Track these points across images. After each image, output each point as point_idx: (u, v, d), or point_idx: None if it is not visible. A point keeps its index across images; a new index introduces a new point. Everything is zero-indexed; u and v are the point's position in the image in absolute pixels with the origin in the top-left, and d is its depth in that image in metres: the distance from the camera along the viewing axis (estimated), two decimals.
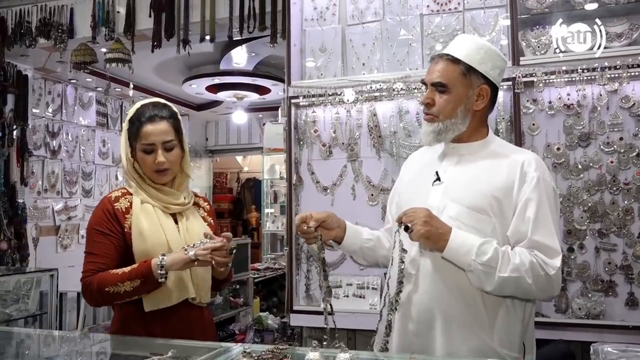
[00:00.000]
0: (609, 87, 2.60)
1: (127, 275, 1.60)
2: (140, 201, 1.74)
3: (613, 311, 2.55)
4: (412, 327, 1.54)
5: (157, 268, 1.58)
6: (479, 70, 1.57)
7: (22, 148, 4.75)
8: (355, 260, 1.82)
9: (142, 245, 1.68)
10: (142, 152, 1.73)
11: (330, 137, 3.07)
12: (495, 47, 1.69)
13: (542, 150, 2.67)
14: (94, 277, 1.63)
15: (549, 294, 1.51)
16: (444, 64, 1.59)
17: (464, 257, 1.45)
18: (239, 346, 1.41)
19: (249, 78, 6.39)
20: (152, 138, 1.72)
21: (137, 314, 1.69)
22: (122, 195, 1.76)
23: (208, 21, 3.78)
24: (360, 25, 3.11)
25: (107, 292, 1.60)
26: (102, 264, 1.66)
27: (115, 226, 1.70)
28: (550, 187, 1.54)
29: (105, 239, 1.68)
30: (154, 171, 1.74)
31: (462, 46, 1.61)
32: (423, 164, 1.72)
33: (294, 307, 3.03)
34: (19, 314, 3.78)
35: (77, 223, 6.19)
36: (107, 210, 1.72)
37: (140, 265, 1.61)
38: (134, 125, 1.74)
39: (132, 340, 1.68)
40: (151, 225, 1.70)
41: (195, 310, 1.79)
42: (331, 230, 1.67)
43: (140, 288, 1.60)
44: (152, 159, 1.73)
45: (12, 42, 4.30)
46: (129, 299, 1.63)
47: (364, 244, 1.74)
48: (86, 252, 1.71)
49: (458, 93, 1.57)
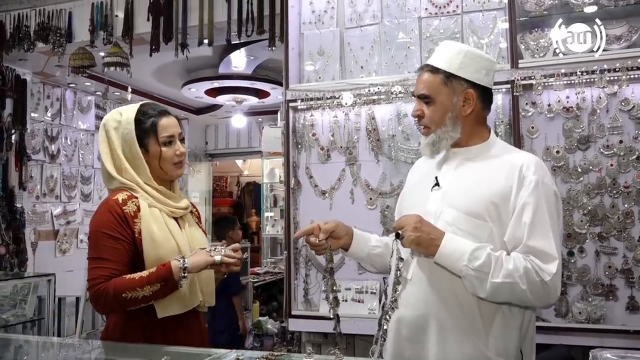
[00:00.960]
0: (609, 89, 2.58)
1: (147, 279, 1.56)
2: (147, 205, 1.69)
3: (614, 315, 2.53)
4: (406, 333, 1.52)
5: (180, 271, 1.56)
6: (460, 75, 1.57)
7: (20, 152, 4.74)
8: (363, 266, 1.82)
9: (154, 252, 1.63)
10: (163, 146, 1.73)
11: (328, 140, 3.05)
12: (477, 50, 1.69)
13: (542, 153, 2.66)
14: (108, 284, 1.56)
15: (546, 301, 1.47)
16: (426, 75, 1.61)
17: (456, 262, 1.44)
18: (233, 352, 1.40)
19: (248, 82, 6.39)
20: (171, 130, 1.75)
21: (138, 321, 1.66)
22: (128, 198, 1.69)
23: (206, 25, 3.78)
24: (359, 28, 3.11)
25: (124, 297, 1.55)
26: (115, 269, 1.59)
27: (126, 230, 1.64)
28: (551, 190, 1.52)
29: (117, 244, 1.62)
30: (173, 164, 1.75)
31: (441, 55, 1.62)
32: (425, 170, 1.72)
33: (292, 311, 3.01)
34: (17, 319, 3.76)
35: (76, 227, 6.17)
36: (117, 213, 1.65)
37: (158, 269, 1.57)
38: (144, 122, 1.73)
39: (126, 347, 1.66)
40: (161, 230, 1.67)
41: (196, 316, 1.77)
42: (339, 239, 1.67)
43: (159, 292, 1.57)
44: (173, 151, 1.74)
45: (11, 46, 4.30)
46: (144, 304, 1.59)
47: (372, 251, 1.73)
48: (94, 258, 1.62)
49: (442, 102, 1.58)
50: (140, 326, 1.66)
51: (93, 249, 1.65)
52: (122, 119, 1.74)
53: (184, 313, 1.69)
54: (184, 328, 1.71)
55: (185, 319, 1.70)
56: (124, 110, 1.77)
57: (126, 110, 1.76)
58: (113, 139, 1.73)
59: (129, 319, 1.67)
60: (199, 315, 1.80)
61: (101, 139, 1.76)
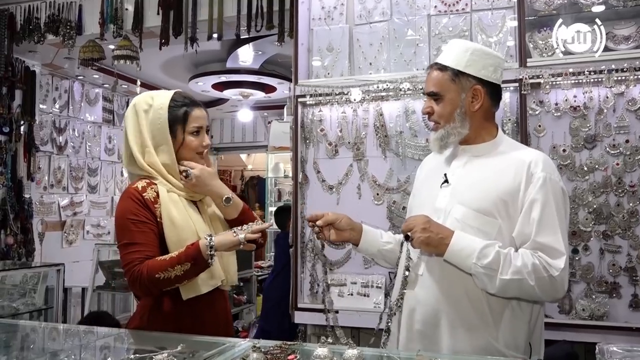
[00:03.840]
0: (616, 89, 2.60)
1: (177, 259, 1.59)
2: (166, 190, 1.73)
3: (617, 313, 2.56)
4: (418, 328, 1.56)
5: (207, 249, 1.59)
6: (468, 72, 1.60)
7: (29, 143, 4.79)
8: (376, 262, 1.85)
9: (175, 234, 1.68)
10: (190, 135, 1.77)
11: (336, 136, 3.08)
12: (484, 47, 1.71)
13: (548, 151, 2.67)
14: (142, 266, 1.60)
15: (554, 295, 1.51)
16: (434, 73, 1.64)
17: (465, 260, 1.47)
18: (248, 341, 1.43)
19: (255, 76, 6.42)
20: (201, 121, 1.79)
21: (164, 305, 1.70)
22: (147, 185, 1.73)
23: (216, 19, 3.80)
24: (368, 25, 3.12)
25: (157, 278, 1.58)
26: (148, 252, 1.63)
27: (149, 214, 1.68)
28: (558, 187, 1.54)
29: (144, 227, 1.66)
30: (197, 153, 1.79)
31: (449, 52, 1.65)
32: (434, 166, 1.75)
33: (298, 304, 3.04)
34: (26, 308, 3.81)
35: (83, 219, 6.23)
36: (138, 199, 1.69)
37: (187, 248, 1.61)
38: (177, 110, 1.76)
39: (139, 334, 1.69)
40: (180, 214, 1.71)
41: (220, 294, 1.81)
42: (343, 232, 1.71)
43: (190, 271, 1.60)
44: (199, 141, 1.79)
45: (21, 38, 4.34)
46: (178, 284, 1.63)
47: (383, 247, 1.77)
48: (125, 243, 1.66)
49: (451, 98, 1.61)
50: (166, 310, 1.70)
51: (122, 236, 1.68)
52: (155, 103, 1.76)
53: (209, 294, 1.72)
54: (210, 308, 1.75)
55: (210, 299, 1.74)
56: (157, 95, 1.80)
57: (159, 96, 1.79)
58: (142, 121, 1.76)
59: (156, 303, 1.71)
60: (224, 294, 1.85)
61: (130, 120, 1.78)
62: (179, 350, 1.33)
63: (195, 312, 1.71)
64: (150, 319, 1.71)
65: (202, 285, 1.69)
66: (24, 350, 1.72)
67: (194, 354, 1.38)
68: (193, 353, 1.38)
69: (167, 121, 1.74)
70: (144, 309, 1.75)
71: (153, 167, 1.75)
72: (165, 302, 1.70)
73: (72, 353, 1.72)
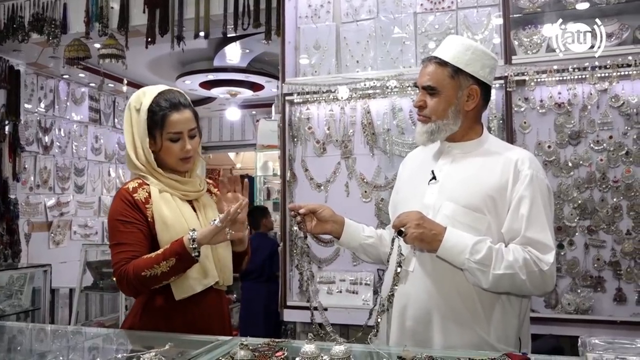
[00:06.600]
0: (599, 86, 2.64)
1: (162, 256, 1.59)
2: (158, 190, 1.72)
3: (601, 306, 2.60)
4: (410, 324, 1.57)
5: (190, 243, 1.57)
6: (467, 71, 1.60)
7: (14, 143, 4.75)
8: (357, 256, 1.86)
9: (167, 234, 1.67)
10: (169, 141, 1.71)
11: (324, 134, 3.09)
12: (483, 47, 1.72)
13: (533, 148, 2.71)
14: (128, 265, 1.60)
15: (543, 289, 1.54)
16: (432, 67, 1.62)
17: (458, 256, 1.48)
18: (236, 339, 1.43)
19: (243, 75, 6.40)
20: (180, 126, 1.71)
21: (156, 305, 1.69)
22: (139, 186, 1.72)
23: (202, 18, 3.78)
24: (355, 23, 3.13)
25: (143, 276, 1.58)
26: (134, 251, 1.63)
27: (138, 214, 1.67)
28: (544, 184, 1.57)
29: (132, 227, 1.66)
30: (179, 159, 1.74)
31: (450, 48, 1.64)
32: (419, 163, 1.75)
33: (287, 302, 3.05)
34: (12, 310, 3.78)
35: (70, 219, 6.18)
36: (127, 200, 1.68)
37: (172, 244, 1.60)
38: (156, 114, 1.70)
39: (128, 334, 1.69)
40: (172, 213, 1.70)
41: (215, 294, 1.79)
42: (325, 224, 1.71)
43: (175, 267, 1.59)
44: (179, 147, 1.72)
45: (5, 36, 4.28)
46: (166, 281, 1.62)
47: (364, 241, 1.77)
48: (114, 244, 1.67)
49: (448, 95, 1.60)
50: (159, 310, 1.69)
51: (112, 237, 1.69)
52: (143, 103, 1.72)
53: (203, 294, 1.71)
54: (205, 308, 1.73)
55: (203, 299, 1.72)
56: (147, 93, 1.75)
57: (147, 95, 1.74)
58: (134, 120, 1.73)
59: (148, 303, 1.71)
60: (220, 294, 1.82)
61: (125, 118, 1.76)
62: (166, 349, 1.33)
63: (190, 311, 1.71)
64: (144, 317, 1.71)
65: (195, 285, 1.69)
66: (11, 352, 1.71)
67: (182, 353, 1.38)
68: (182, 352, 1.38)
69: (146, 124, 1.70)
70: (139, 308, 1.74)
71: (146, 166, 1.73)
72: (160, 301, 1.69)
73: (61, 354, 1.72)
